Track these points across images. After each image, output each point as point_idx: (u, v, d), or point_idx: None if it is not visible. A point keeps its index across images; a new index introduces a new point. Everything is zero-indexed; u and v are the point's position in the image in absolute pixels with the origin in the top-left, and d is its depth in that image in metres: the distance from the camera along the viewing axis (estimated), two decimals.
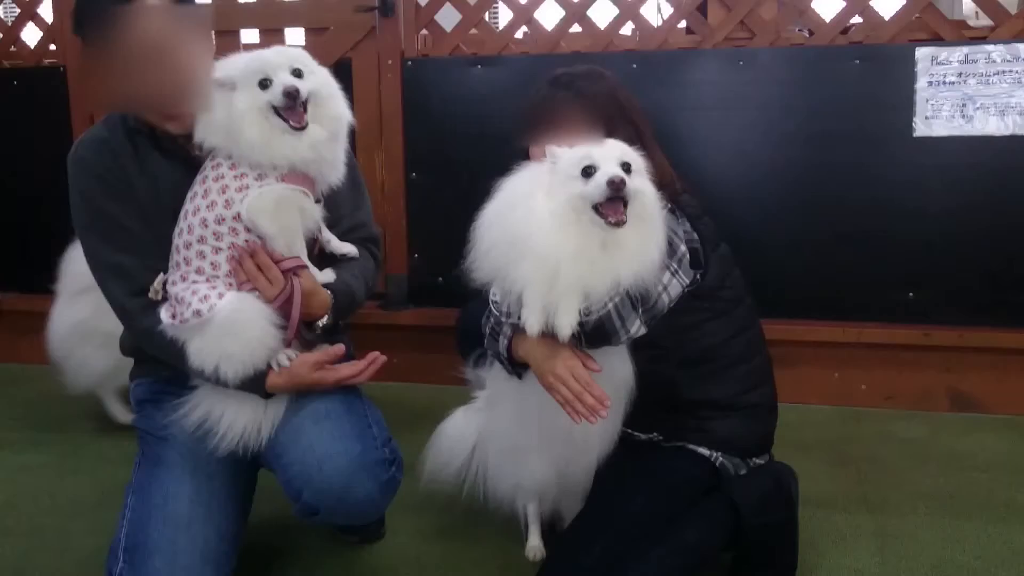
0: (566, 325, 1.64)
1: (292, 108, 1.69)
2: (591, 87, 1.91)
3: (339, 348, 1.83)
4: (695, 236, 1.83)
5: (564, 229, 1.62)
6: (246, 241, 1.73)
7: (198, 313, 1.69)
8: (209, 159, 1.76)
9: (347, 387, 1.93)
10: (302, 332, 1.82)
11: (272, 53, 1.74)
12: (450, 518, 2.21)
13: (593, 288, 1.63)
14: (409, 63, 3.24)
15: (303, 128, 1.70)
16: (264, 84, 1.69)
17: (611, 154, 1.66)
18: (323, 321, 1.83)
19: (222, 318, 1.69)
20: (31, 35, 3.62)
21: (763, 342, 2.04)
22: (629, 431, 1.93)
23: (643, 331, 1.73)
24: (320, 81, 1.76)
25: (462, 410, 2.09)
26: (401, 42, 3.23)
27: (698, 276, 1.83)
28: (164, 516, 1.78)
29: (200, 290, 1.72)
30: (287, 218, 1.74)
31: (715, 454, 1.92)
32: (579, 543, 1.79)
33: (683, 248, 1.79)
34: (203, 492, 1.84)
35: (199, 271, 1.74)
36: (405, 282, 3.36)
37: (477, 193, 1.74)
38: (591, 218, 1.62)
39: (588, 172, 1.63)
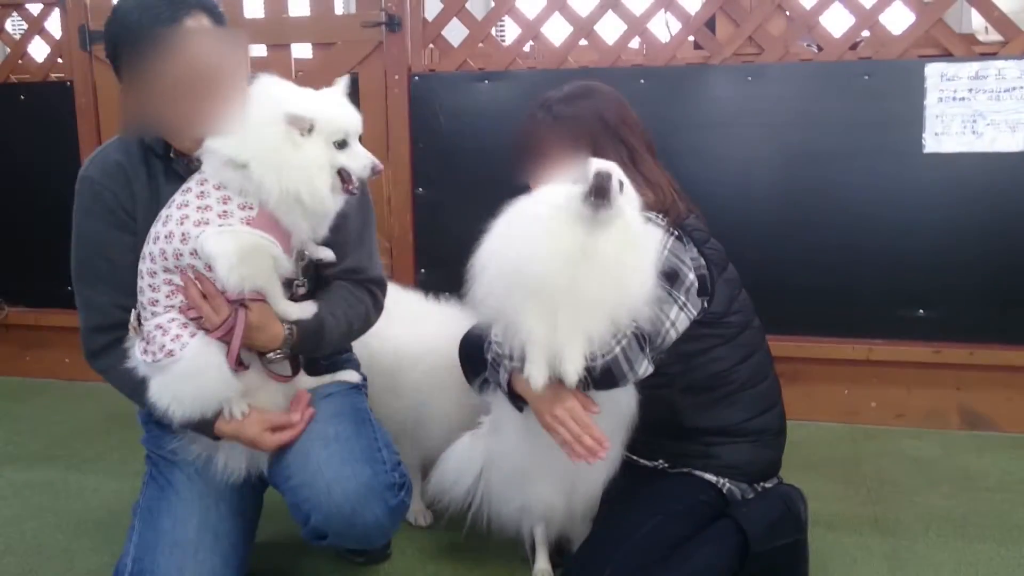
0: (572, 372, 1.61)
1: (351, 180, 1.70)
2: (568, 109, 1.87)
3: (293, 416, 1.78)
4: (702, 262, 1.81)
5: (548, 229, 1.58)
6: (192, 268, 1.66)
7: (171, 353, 1.64)
8: (188, 180, 1.71)
9: (357, 408, 1.92)
10: (247, 359, 1.74)
11: (354, 116, 1.71)
12: (457, 540, 2.18)
13: (594, 328, 1.60)
14: (416, 78, 3.23)
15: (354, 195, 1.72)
16: (342, 145, 1.67)
17: (605, 164, 1.63)
18: (274, 355, 1.75)
19: (186, 362, 1.64)
20: (38, 50, 3.63)
21: (771, 365, 2.01)
22: (634, 458, 1.91)
23: (651, 370, 1.70)
24: None
25: (469, 434, 2.07)
26: (408, 57, 3.22)
27: (705, 303, 1.81)
28: (172, 542, 1.77)
29: (172, 328, 1.66)
30: (256, 267, 1.66)
31: (722, 480, 1.91)
32: (587, 570, 1.78)
33: (691, 277, 1.77)
34: (211, 517, 1.82)
35: (169, 295, 1.67)
36: None
37: (484, 208, 1.72)
38: (578, 211, 1.57)
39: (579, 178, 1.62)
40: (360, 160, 1.68)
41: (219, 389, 1.69)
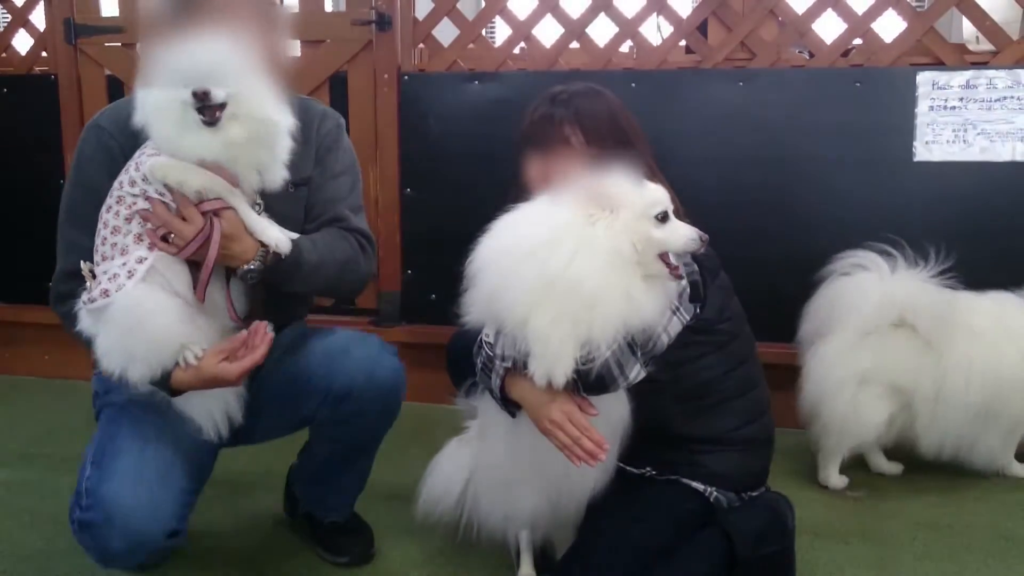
0: (560, 375, 1.59)
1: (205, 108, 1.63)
2: (590, 106, 1.87)
3: (242, 336, 1.73)
4: (695, 268, 1.79)
5: (621, 269, 1.57)
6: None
7: (106, 293, 1.63)
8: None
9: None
10: (217, 276, 1.73)
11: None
12: (440, 543, 2.17)
13: (595, 336, 1.58)
14: (406, 78, 3.21)
15: (214, 123, 1.63)
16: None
17: (670, 201, 1.64)
18: (249, 266, 1.72)
19: (121, 309, 1.62)
20: (22, 42, 3.58)
21: (761, 373, 2.00)
22: (621, 466, 1.89)
23: (643, 375, 1.68)
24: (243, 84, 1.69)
25: (455, 441, 2.05)
26: (398, 56, 3.20)
27: (697, 309, 1.80)
28: (134, 432, 1.81)
29: (111, 268, 1.66)
30: (209, 180, 1.66)
31: (709, 489, 1.89)
32: None
33: (684, 282, 1.75)
34: (171, 431, 1.81)
35: (115, 231, 1.67)
36: (398, 299, 3.32)
37: (472, 209, 1.70)
38: (652, 262, 1.59)
39: (662, 217, 1.60)
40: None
41: (172, 334, 1.66)
